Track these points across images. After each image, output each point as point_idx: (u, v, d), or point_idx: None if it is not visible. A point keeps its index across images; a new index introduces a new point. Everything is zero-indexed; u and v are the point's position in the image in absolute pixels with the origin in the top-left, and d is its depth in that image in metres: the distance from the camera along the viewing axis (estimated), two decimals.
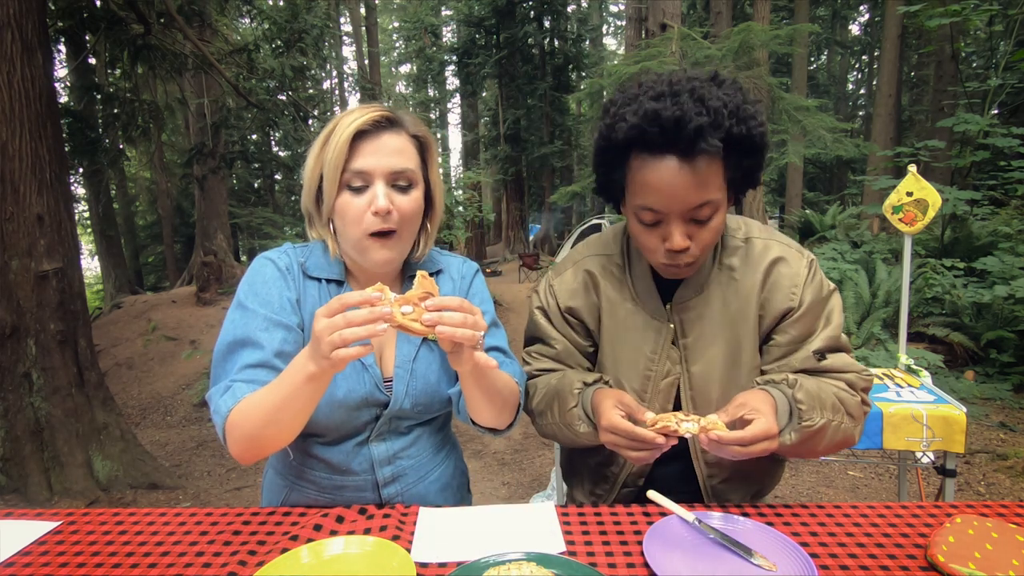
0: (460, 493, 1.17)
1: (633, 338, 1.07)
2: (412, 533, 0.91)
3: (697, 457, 1.08)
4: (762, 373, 1.05)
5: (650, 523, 0.91)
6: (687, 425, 0.85)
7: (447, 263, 1.15)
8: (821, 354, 1.01)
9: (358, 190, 0.94)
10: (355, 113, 0.95)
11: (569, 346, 1.13)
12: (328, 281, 1.03)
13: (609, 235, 1.16)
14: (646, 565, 0.80)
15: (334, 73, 20.14)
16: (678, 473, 1.09)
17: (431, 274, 1.07)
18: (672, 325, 1.05)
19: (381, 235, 0.95)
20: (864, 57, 20.75)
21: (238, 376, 0.92)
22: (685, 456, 1.08)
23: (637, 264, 1.09)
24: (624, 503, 1.12)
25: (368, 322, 0.75)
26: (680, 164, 0.87)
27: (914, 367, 2.10)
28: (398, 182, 0.96)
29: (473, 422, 1.03)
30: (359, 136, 0.94)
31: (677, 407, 1.05)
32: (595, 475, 1.15)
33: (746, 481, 1.11)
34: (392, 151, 0.95)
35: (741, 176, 0.95)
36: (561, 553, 0.84)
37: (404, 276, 1.10)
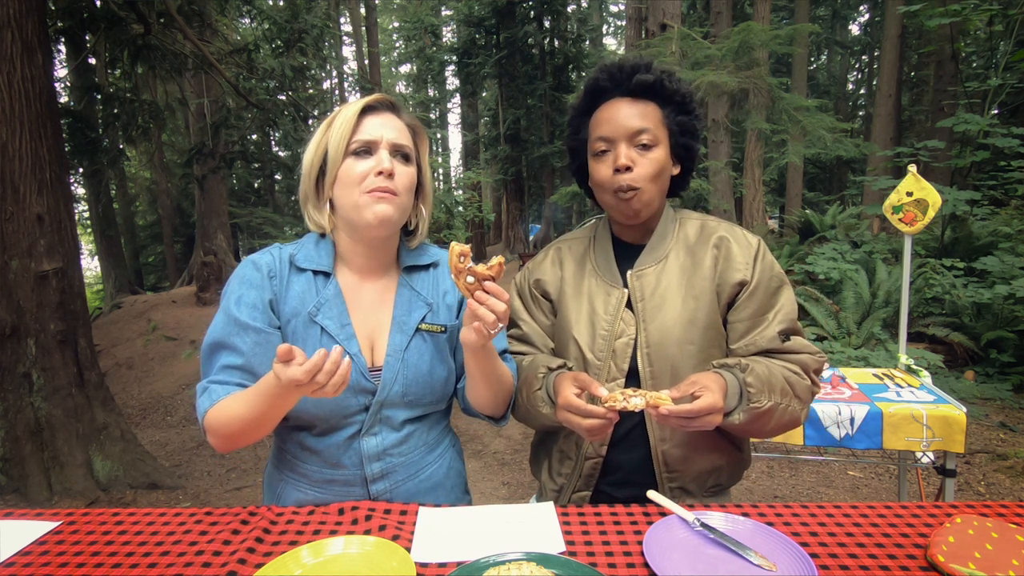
0: (455, 494, 1.17)
1: (589, 302, 1.17)
2: (412, 533, 0.91)
3: (654, 439, 1.11)
4: (730, 352, 1.13)
5: (650, 523, 0.91)
6: (635, 400, 0.91)
7: (444, 258, 1.17)
8: (785, 335, 1.10)
9: (363, 155, 1.01)
10: (358, 98, 1.04)
11: (535, 327, 1.24)
12: (316, 273, 1.06)
13: (582, 228, 1.32)
14: (646, 565, 0.80)
15: (334, 73, 20.12)
16: (637, 460, 1.13)
17: (427, 266, 1.14)
18: (627, 290, 1.14)
19: (380, 191, 1.00)
20: (864, 57, 20.72)
21: (216, 377, 0.98)
22: (645, 443, 1.12)
23: (601, 242, 1.22)
24: (587, 486, 1.16)
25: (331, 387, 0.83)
26: (623, 99, 1.11)
27: (914, 367, 2.10)
28: (399, 153, 1.04)
29: (474, 413, 1.12)
30: (365, 112, 1.02)
31: (635, 366, 1.11)
32: (559, 455, 1.21)
33: (702, 459, 1.12)
34: (395, 127, 1.04)
35: (679, 131, 1.13)
36: (561, 553, 0.84)
37: (399, 266, 1.13)
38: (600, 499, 1.16)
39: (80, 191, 11.59)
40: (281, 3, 10.06)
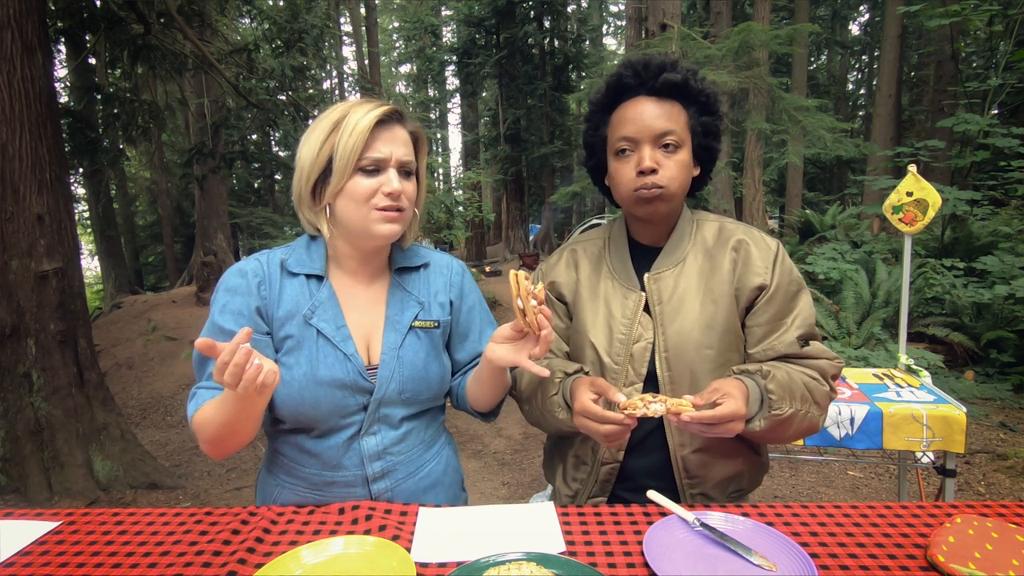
0: (453, 491, 1.18)
1: (605, 305, 1.16)
2: (412, 533, 0.91)
3: (673, 444, 1.10)
4: (748, 356, 1.11)
5: (650, 523, 0.91)
6: (655, 406, 0.90)
7: (435, 259, 1.19)
8: (804, 340, 1.09)
9: (371, 174, 1.00)
10: (368, 105, 1.01)
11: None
12: (308, 277, 1.07)
13: (597, 229, 1.29)
14: (646, 565, 0.80)
15: (334, 73, 20.12)
16: (655, 465, 1.12)
17: (418, 267, 1.15)
18: (644, 293, 1.13)
19: (389, 211, 1.01)
20: (864, 57, 20.71)
21: (203, 383, 1.00)
22: (663, 448, 1.11)
23: (616, 245, 1.21)
24: (603, 491, 1.15)
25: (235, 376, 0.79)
26: (649, 99, 1.09)
27: (914, 367, 2.10)
28: (404, 169, 1.04)
29: (468, 410, 1.16)
30: (375, 126, 1.01)
31: (653, 370, 1.10)
32: (574, 460, 1.19)
33: (723, 464, 1.11)
34: (402, 142, 1.04)
35: (702, 132, 1.12)
36: (561, 553, 0.84)
37: (391, 267, 1.14)
38: (616, 505, 1.16)
39: (80, 191, 11.58)
40: (281, 3, 10.05)
